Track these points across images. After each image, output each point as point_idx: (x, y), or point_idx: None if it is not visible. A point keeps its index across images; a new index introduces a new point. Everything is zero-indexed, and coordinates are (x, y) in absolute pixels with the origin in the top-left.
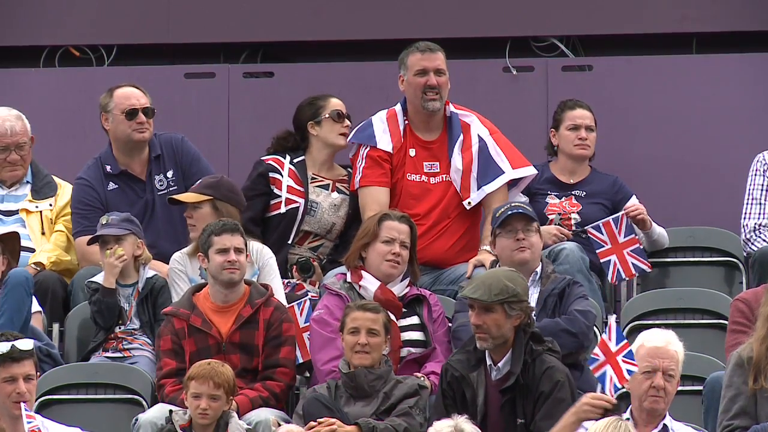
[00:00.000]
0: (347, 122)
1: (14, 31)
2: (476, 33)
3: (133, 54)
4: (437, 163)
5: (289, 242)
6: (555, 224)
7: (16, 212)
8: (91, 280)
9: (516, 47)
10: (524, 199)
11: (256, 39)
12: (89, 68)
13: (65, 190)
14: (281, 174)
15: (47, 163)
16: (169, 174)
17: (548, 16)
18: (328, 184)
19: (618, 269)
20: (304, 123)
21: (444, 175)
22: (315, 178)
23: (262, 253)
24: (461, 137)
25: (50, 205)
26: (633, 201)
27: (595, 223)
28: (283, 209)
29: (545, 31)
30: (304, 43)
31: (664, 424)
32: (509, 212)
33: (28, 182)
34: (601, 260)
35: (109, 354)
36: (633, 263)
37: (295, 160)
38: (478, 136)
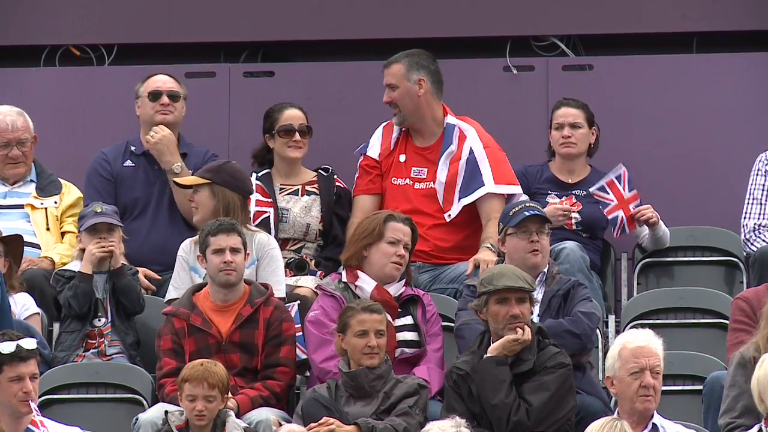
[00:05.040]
0: (297, 136)
1: (15, 30)
2: (477, 32)
3: (133, 53)
4: (426, 169)
5: None
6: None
7: (20, 207)
8: (63, 268)
9: (516, 47)
10: (525, 198)
11: (256, 38)
12: (90, 68)
13: (71, 189)
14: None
15: (47, 161)
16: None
17: (549, 15)
18: (297, 189)
19: (624, 224)
20: (264, 134)
21: (430, 182)
22: (283, 188)
23: (266, 243)
24: (453, 148)
25: (55, 202)
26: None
27: (599, 184)
28: (254, 224)
29: (546, 30)
30: (304, 43)
31: (654, 424)
32: (525, 213)
33: (32, 181)
34: (609, 216)
35: (89, 355)
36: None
37: (260, 174)
38: (470, 149)
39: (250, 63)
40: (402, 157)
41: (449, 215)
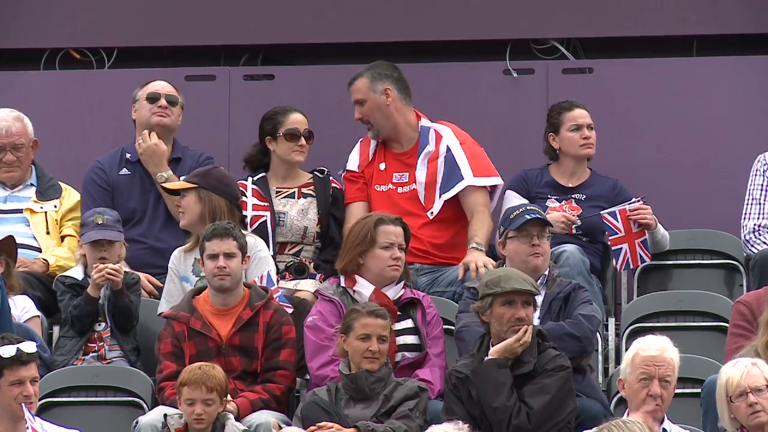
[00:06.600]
0: (302, 141)
1: (15, 33)
2: (476, 35)
3: (133, 56)
4: (407, 174)
5: (271, 254)
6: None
7: (20, 211)
8: (64, 275)
9: (516, 50)
10: (524, 202)
11: (256, 41)
12: (90, 71)
13: (71, 193)
14: (245, 195)
15: (48, 165)
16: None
17: (549, 18)
18: (294, 192)
19: (628, 258)
20: (263, 137)
21: (412, 185)
22: (280, 191)
23: (253, 246)
24: (431, 147)
25: (55, 206)
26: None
27: (611, 209)
28: (250, 229)
29: (546, 33)
30: (304, 46)
31: (663, 429)
32: (526, 216)
33: (32, 185)
34: (613, 247)
35: (89, 358)
36: (640, 254)
37: (255, 178)
38: (447, 146)
39: (250, 66)
40: (382, 166)
41: (431, 212)
